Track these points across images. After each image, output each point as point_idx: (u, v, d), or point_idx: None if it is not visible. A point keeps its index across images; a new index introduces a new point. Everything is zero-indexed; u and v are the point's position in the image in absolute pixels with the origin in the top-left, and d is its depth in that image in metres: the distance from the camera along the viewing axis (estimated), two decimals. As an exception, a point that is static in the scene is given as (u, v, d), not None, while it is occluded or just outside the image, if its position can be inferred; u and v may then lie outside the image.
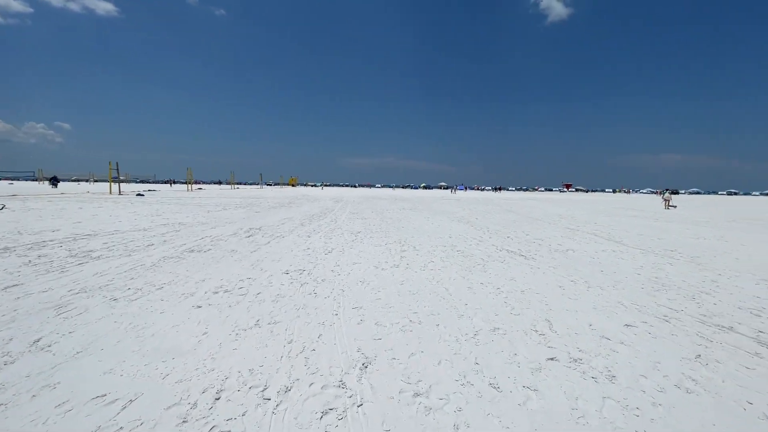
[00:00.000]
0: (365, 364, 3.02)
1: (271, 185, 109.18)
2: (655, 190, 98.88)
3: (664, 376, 2.94)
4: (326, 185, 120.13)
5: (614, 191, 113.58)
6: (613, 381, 2.86)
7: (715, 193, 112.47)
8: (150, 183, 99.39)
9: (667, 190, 29.88)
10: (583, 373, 2.99)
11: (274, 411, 2.39)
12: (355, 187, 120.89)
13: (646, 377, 2.93)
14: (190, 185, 46.78)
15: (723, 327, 3.95)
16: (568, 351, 3.37)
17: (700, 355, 3.30)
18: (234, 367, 2.92)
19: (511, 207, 25.32)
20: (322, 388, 2.67)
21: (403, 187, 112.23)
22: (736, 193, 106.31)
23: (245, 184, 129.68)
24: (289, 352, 3.21)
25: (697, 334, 3.76)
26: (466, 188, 79.73)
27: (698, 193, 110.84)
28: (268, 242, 8.78)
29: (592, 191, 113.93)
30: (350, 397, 2.56)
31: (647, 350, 3.40)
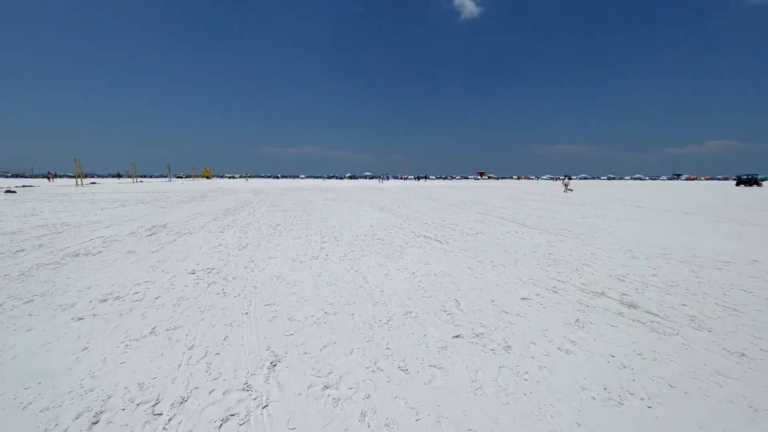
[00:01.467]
0: (274, 363, 2.90)
1: (182, 178, 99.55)
2: (553, 177, 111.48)
3: (549, 341, 3.32)
4: (250, 177, 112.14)
5: (518, 178, 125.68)
6: (508, 351, 3.15)
7: (598, 178, 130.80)
8: (26, 177, 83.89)
9: (566, 176, 33.74)
10: (484, 346, 3.24)
11: (165, 427, 2.16)
12: (277, 178, 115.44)
13: (535, 344, 3.27)
14: (79, 179, 40.49)
15: (597, 293, 4.59)
16: (472, 327, 3.62)
17: (578, 320, 3.79)
18: (120, 384, 2.59)
19: (430, 195, 26.48)
20: (224, 393, 2.49)
21: (328, 178, 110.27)
22: (613, 178, 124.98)
23: (151, 177, 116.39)
24: (188, 360, 2.94)
25: (578, 301, 4.32)
26: (387, 177, 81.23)
27: (586, 178, 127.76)
28: (174, 240, 7.99)
29: (502, 178, 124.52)
30: (255, 399, 2.44)
31: (538, 319, 3.80)
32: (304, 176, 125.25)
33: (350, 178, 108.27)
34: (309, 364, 2.89)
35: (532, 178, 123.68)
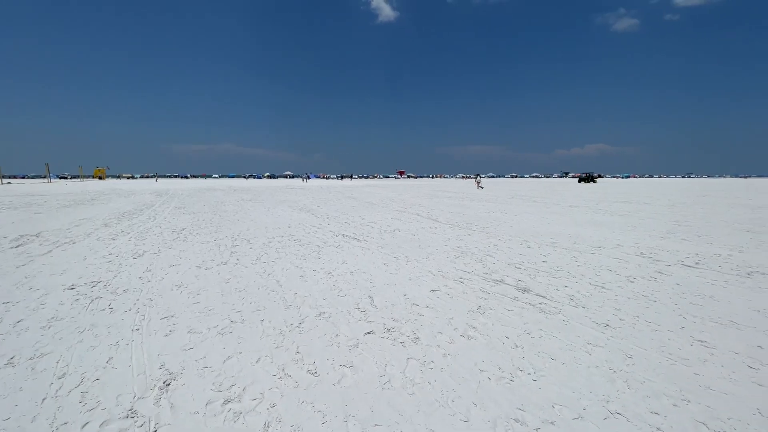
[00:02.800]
0: (167, 382, 2.63)
1: (66, 178, 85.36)
2: (464, 175, 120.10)
3: (454, 329, 3.54)
4: (160, 177, 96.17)
5: (434, 176, 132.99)
6: (416, 342, 3.28)
7: (503, 176, 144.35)
8: None
9: (477, 174, 36.95)
10: (394, 340, 3.33)
11: (19, 475, 1.82)
12: (186, 177, 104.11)
13: (441, 333, 3.46)
14: None
15: (497, 280, 5.03)
16: (384, 322, 3.69)
17: (480, 306, 4.11)
18: (-44, 432, 2.11)
19: (352, 194, 26.56)
20: (101, 425, 2.18)
21: (246, 177, 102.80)
22: (516, 176, 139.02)
23: (23, 177, 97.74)
24: (57, 391, 2.51)
25: (480, 290, 4.68)
26: (310, 176, 78.86)
27: (493, 176, 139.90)
28: (49, 251, 6.81)
29: (420, 177, 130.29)
30: (141, 426, 2.17)
31: (445, 309, 4.03)
32: (217, 176, 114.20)
33: (269, 177, 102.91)
34: (209, 379, 2.67)
35: (447, 177, 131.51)
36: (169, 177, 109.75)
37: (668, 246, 7.19)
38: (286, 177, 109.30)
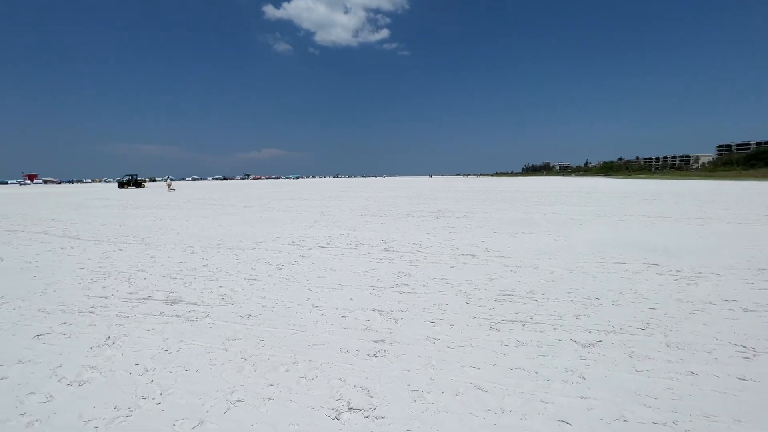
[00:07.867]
0: None
1: None
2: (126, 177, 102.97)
3: (59, 380, 2.70)
4: None
5: (81, 181, 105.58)
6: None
7: (184, 179, 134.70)
8: None
9: (168, 177, 32.96)
10: None
11: None
12: None
13: (34, 393, 2.55)
14: None
15: (142, 298, 4.35)
16: None
17: (110, 337, 3.38)
18: None
19: None
20: None
21: None
22: (197, 179, 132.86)
23: None
24: None
25: (116, 315, 3.89)
26: None
27: (173, 179, 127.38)
28: None
29: (69, 182, 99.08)
30: None
31: (52, 357, 3.04)
32: None
33: None
34: None
35: (109, 181, 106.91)
36: None
37: (313, 233, 8.82)
38: None
